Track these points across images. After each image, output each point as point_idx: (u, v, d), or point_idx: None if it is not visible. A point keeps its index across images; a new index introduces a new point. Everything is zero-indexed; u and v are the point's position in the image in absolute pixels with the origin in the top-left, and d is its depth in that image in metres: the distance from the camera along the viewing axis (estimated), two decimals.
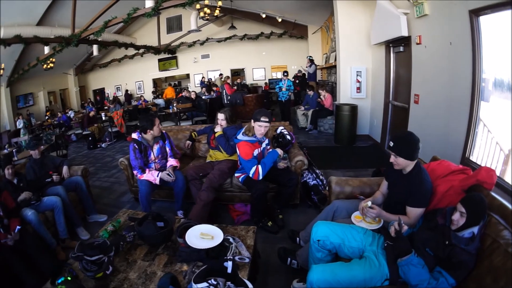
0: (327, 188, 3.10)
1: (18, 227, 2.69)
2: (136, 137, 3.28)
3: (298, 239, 2.67)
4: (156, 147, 3.37)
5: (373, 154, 5.68)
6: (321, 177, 3.70)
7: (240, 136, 3.03)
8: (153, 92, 15.47)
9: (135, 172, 3.28)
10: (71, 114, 12.00)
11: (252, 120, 3.03)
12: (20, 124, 11.03)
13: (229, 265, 1.60)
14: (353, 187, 2.64)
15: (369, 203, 2.08)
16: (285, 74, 8.51)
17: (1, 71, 10.34)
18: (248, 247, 2.00)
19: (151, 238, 2.07)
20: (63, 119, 10.99)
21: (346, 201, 2.47)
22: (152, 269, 1.90)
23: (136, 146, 3.22)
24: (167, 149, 3.47)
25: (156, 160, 3.39)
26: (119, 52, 14.61)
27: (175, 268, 1.88)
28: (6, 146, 7.22)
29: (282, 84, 8.26)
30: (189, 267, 1.83)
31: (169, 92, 13.66)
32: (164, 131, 3.52)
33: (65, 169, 3.69)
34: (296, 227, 2.95)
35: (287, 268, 2.43)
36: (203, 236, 1.95)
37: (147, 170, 3.27)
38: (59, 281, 1.73)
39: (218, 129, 3.52)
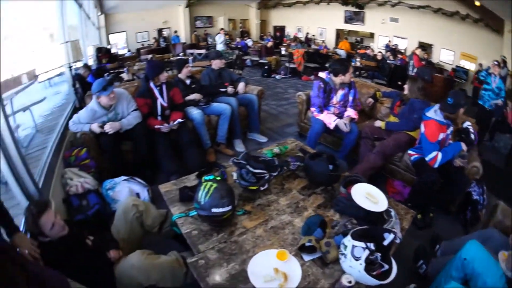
0: (483, 211, 2.70)
1: (179, 120, 3.13)
2: (324, 77, 3.31)
3: (438, 246, 2.34)
4: (340, 93, 3.33)
5: None
6: (484, 195, 3.08)
7: (430, 113, 2.68)
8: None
9: (312, 109, 3.37)
10: (249, 42, 13.01)
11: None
12: (220, 38, 11.96)
13: (389, 237, 1.48)
14: None
15: None
16: (501, 64, 5.74)
17: None
18: (402, 229, 1.83)
19: (318, 176, 2.06)
20: (241, 44, 12.10)
21: (502, 235, 2.01)
22: (304, 205, 1.93)
23: (322, 85, 3.26)
24: (350, 98, 3.39)
25: (337, 105, 3.38)
26: None
27: (326, 214, 1.86)
28: (181, 54, 8.43)
29: (490, 80, 5.40)
30: (342, 220, 1.78)
31: (343, 45, 13.27)
32: (352, 80, 3.42)
33: (241, 85, 3.95)
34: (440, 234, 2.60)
35: (411, 268, 2.21)
36: (368, 196, 1.85)
37: (325, 111, 3.30)
38: (208, 177, 1.87)
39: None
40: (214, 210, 1.62)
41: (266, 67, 8.75)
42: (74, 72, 4.76)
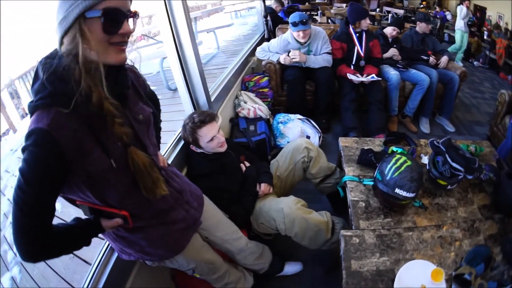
0: None
1: (374, 75, 2.94)
2: None
3: None
4: None
5: None
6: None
7: None
8: None
9: None
10: (448, 15, 11.47)
11: None
12: (462, 11, 10.93)
13: None
14: None
15: None
16: None
17: None
18: None
19: (507, 200, 1.56)
20: (441, 15, 10.67)
21: None
22: (479, 227, 1.52)
23: None
24: None
25: None
26: None
27: (496, 250, 1.42)
28: (377, 10, 7.79)
29: None
30: (503, 264, 1.34)
31: None
32: None
33: (444, 58, 3.49)
34: None
35: None
36: None
37: None
38: (397, 149, 1.72)
39: None
40: (397, 190, 1.38)
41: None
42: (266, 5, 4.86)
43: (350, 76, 2.90)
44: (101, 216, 0.94)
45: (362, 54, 3.07)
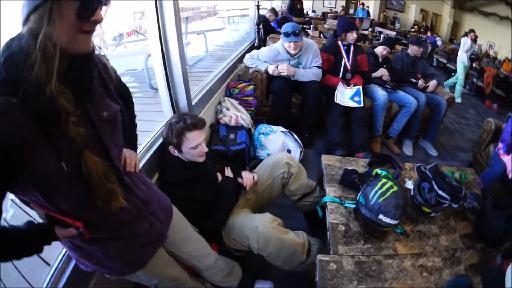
0: None
1: (359, 87, 2.99)
2: None
3: None
4: None
5: None
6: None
7: None
8: None
9: (500, 145, 2.62)
10: (439, 40, 11.93)
11: None
12: (466, 43, 11.12)
13: None
14: None
15: None
16: None
17: None
18: None
19: (490, 231, 1.56)
20: (432, 40, 11.01)
21: None
22: (460, 256, 1.49)
23: None
24: None
25: None
26: (504, 9, 11.87)
27: (476, 280, 1.39)
28: (369, 30, 8.01)
29: None
30: None
31: None
32: None
33: (433, 82, 3.50)
34: None
35: None
36: None
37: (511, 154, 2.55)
38: (382, 172, 1.68)
39: None
40: (381, 216, 1.31)
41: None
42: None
43: (337, 100, 2.89)
44: (56, 222, 0.83)
45: (349, 67, 3.08)
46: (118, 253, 1.01)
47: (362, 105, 2.90)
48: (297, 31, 2.71)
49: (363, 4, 13.71)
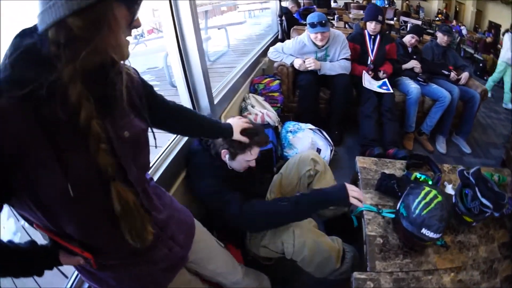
0: None
1: (388, 88, 2.90)
2: None
3: None
4: None
5: None
6: None
7: None
8: None
9: None
10: (464, 30, 11.84)
11: None
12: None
13: None
14: None
15: None
16: None
17: None
18: None
19: None
20: (457, 29, 10.90)
21: None
22: (497, 268, 1.38)
23: None
24: None
25: None
26: None
27: None
28: (394, 19, 7.78)
29: None
30: None
31: None
32: None
33: (465, 74, 3.36)
34: None
35: None
36: None
37: None
38: (421, 176, 1.55)
39: None
40: (424, 230, 1.20)
41: (481, 64, 7.71)
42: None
43: (365, 85, 2.81)
44: (62, 248, 0.75)
45: (372, 57, 3.03)
46: (133, 280, 0.93)
47: (391, 91, 2.81)
48: (323, 21, 2.62)
49: None
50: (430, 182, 1.55)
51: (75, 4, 0.54)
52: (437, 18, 13.56)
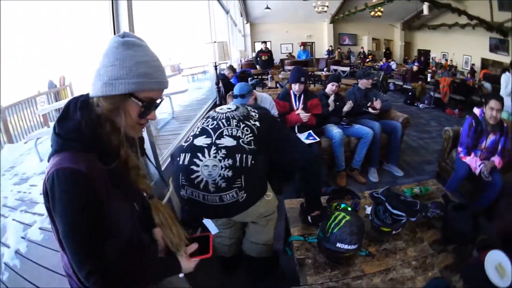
0: None
1: (314, 138, 3.15)
2: (478, 114, 2.92)
3: None
4: (491, 138, 2.90)
5: None
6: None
7: None
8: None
9: (459, 149, 3.00)
10: (393, 64, 12.57)
11: None
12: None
13: None
14: None
15: None
16: None
17: (326, 8, 12.85)
18: None
19: (458, 233, 1.73)
20: (385, 66, 11.69)
21: None
22: (432, 262, 1.63)
23: (474, 124, 2.89)
24: (500, 146, 2.92)
25: (484, 151, 2.95)
26: (451, 17, 12.74)
27: (452, 278, 1.52)
28: (325, 69, 8.54)
29: None
30: None
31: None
32: (505, 125, 2.95)
33: (377, 102, 3.75)
34: None
35: None
36: (498, 267, 1.43)
37: (472, 154, 2.92)
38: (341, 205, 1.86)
39: None
40: (339, 245, 1.47)
41: (410, 93, 8.32)
42: (219, 72, 5.10)
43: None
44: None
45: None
46: None
47: (317, 139, 3.13)
48: (244, 93, 2.87)
49: (303, 44, 14.00)
50: (349, 208, 1.87)
51: (106, 90, 0.84)
52: (368, 60, 14.43)
